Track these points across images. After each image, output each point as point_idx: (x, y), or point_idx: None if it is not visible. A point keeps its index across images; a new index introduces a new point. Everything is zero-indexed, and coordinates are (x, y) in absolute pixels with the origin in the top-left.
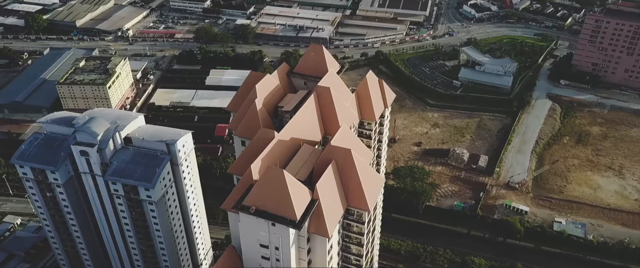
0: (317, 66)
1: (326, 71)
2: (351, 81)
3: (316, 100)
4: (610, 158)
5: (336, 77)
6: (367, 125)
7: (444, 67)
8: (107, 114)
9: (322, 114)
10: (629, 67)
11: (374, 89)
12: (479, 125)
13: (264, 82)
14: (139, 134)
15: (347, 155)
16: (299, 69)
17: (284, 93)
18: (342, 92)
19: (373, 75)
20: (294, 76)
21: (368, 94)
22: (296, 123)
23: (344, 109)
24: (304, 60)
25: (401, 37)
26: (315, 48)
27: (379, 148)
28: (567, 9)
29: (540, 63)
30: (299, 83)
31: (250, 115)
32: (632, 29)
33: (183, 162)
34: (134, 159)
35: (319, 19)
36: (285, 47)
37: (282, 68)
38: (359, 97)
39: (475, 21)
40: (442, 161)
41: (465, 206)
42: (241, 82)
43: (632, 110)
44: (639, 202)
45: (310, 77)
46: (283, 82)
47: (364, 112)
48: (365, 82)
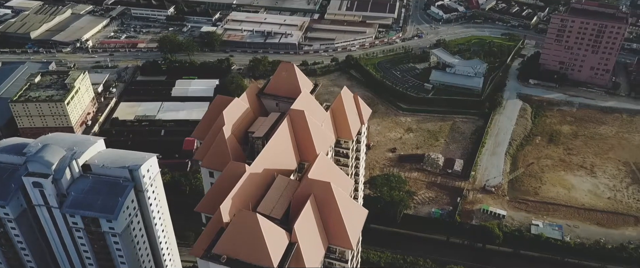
0: (289, 86)
1: (299, 91)
2: (323, 87)
3: (290, 124)
4: (581, 157)
5: (310, 98)
6: (344, 144)
7: (414, 70)
8: (63, 140)
9: (297, 140)
10: (594, 64)
11: (349, 105)
12: (452, 128)
13: (231, 106)
14: (99, 160)
15: (326, 189)
16: (270, 89)
17: (254, 116)
18: (317, 113)
19: (348, 91)
20: (264, 97)
21: (343, 111)
22: (269, 152)
23: (319, 132)
24: (275, 80)
25: (371, 40)
26: (286, 67)
27: (356, 166)
28: (532, 7)
29: (509, 63)
30: (271, 104)
31: (218, 145)
32: (596, 27)
33: (148, 187)
34: (94, 188)
35: (286, 24)
36: (253, 54)
37: (251, 89)
38: (334, 115)
39: (443, 22)
40: (417, 167)
41: (443, 213)
42: (209, 92)
43: (600, 108)
44: (611, 200)
45: (282, 98)
46: (253, 104)
47: (340, 130)
48: (340, 99)
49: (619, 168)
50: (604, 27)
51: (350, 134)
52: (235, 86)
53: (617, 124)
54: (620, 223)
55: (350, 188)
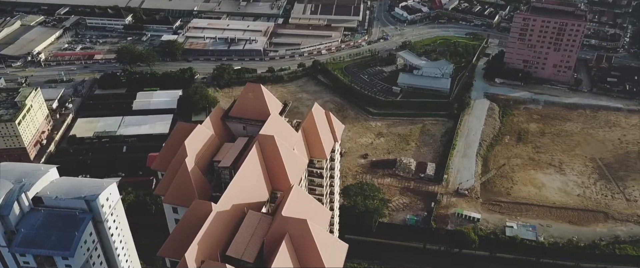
0: (257, 108)
1: (267, 113)
2: (290, 94)
3: (259, 151)
4: (550, 155)
5: (279, 120)
6: (318, 163)
7: (382, 73)
8: (10, 170)
9: (268, 167)
10: (557, 62)
11: (322, 123)
12: (422, 131)
13: (194, 135)
14: (52, 192)
15: (302, 228)
16: (236, 112)
17: (220, 143)
18: (288, 136)
19: (319, 108)
20: (230, 121)
21: (315, 129)
22: (237, 184)
23: (292, 158)
24: (241, 101)
25: (337, 44)
26: (252, 88)
27: (331, 185)
28: (494, 6)
29: (475, 62)
30: (237, 128)
31: (181, 179)
32: (557, 25)
33: (108, 217)
34: (47, 223)
35: (250, 29)
36: (217, 62)
37: (215, 113)
38: (306, 134)
39: (408, 23)
40: (390, 172)
41: (418, 219)
42: (172, 104)
43: (564, 105)
44: (581, 197)
45: (249, 121)
46: (217, 129)
47: (313, 150)
48: (312, 117)
49: (586, 164)
50: (564, 25)
51: (324, 153)
52: (200, 96)
53: (581, 120)
54: (590, 220)
55: (327, 220)
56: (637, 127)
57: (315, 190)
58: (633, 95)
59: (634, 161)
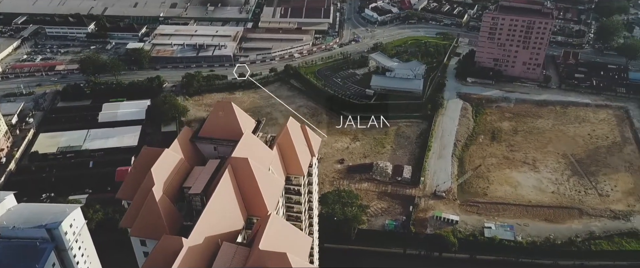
0: (228, 127)
1: (240, 133)
2: (263, 99)
3: (232, 175)
4: (523, 153)
5: (253, 140)
6: (295, 180)
7: (355, 76)
8: None
9: (242, 192)
10: (526, 60)
11: (298, 138)
12: (397, 134)
13: (161, 160)
14: (9, 221)
15: (282, 261)
16: (206, 132)
17: (190, 167)
18: (263, 156)
19: (294, 123)
20: (200, 141)
21: (291, 145)
22: (210, 213)
23: (267, 181)
24: (211, 121)
25: (308, 47)
26: (222, 106)
27: (309, 200)
28: (462, 5)
29: (446, 62)
30: (208, 149)
31: (149, 210)
32: (525, 24)
33: (73, 245)
34: (5, 256)
35: (219, 35)
36: (185, 69)
37: (183, 134)
38: (282, 150)
39: (379, 24)
40: (366, 176)
41: (397, 224)
42: (141, 115)
43: (534, 102)
44: (555, 194)
45: (221, 141)
46: (186, 152)
47: (290, 166)
48: (287, 132)
49: (558, 161)
50: (532, 23)
51: (301, 170)
52: (169, 106)
53: (552, 117)
54: (566, 217)
55: (307, 250)
56: (606, 122)
57: (293, 207)
58: (600, 90)
59: (604, 156)
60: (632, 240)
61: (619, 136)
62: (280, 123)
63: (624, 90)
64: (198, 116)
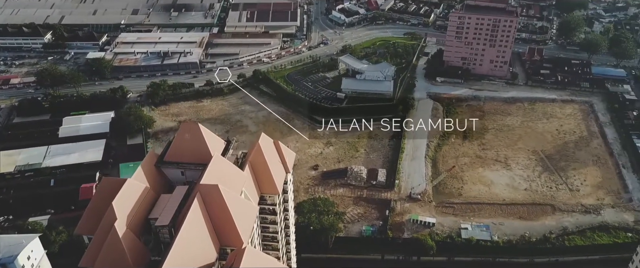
0: (196, 150)
1: (209, 156)
2: (232, 106)
3: (202, 204)
4: (495, 151)
5: (223, 162)
6: (270, 199)
7: (325, 80)
8: None
9: (214, 222)
10: (493, 58)
11: (271, 154)
12: (370, 136)
13: (124, 192)
14: None
15: None
16: (172, 156)
17: (156, 195)
18: (234, 179)
19: (266, 138)
20: (166, 166)
21: (264, 163)
22: (180, 247)
23: (241, 208)
24: (177, 144)
25: (276, 51)
26: (189, 127)
27: (286, 218)
28: (429, 5)
29: (415, 62)
30: (175, 174)
31: (111, 248)
32: (491, 22)
33: None
34: None
35: (184, 41)
36: (150, 78)
37: (148, 159)
38: (254, 169)
39: (347, 26)
40: (341, 182)
41: (374, 229)
42: (104, 128)
43: (503, 99)
44: (528, 191)
45: (188, 165)
46: (152, 179)
47: (264, 185)
48: (259, 149)
49: (529, 157)
50: (498, 22)
51: (276, 189)
52: (134, 117)
53: (521, 114)
54: (539, 214)
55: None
56: (572, 117)
57: (269, 227)
58: (565, 86)
59: (572, 151)
60: (604, 234)
61: (585, 130)
62: (251, 130)
63: (588, 85)
64: (165, 126)
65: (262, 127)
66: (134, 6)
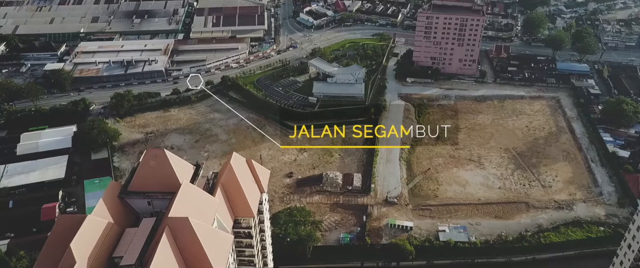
0: (162, 178)
1: (177, 183)
2: (201, 115)
3: (171, 239)
4: (468, 150)
5: (192, 190)
6: (244, 222)
7: (296, 84)
8: None
9: (185, 257)
10: (462, 56)
11: (243, 174)
12: (344, 141)
13: (83, 231)
14: None
15: None
16: (137, 185)
17: (121, 230)
18: (206, 207)
19: (238, 158)
20: (131, 197)
21: (237, 184)
22: None
23: (213, 240)
24: (142, 172)
25: (245, 56)
26: (153, 154)
27: (263, 239)
28: (396, 5)
29: (385, 64)
30: (141, 204)
31: None
32: (459, 21)
33: None
34: None
35: (148, 49)
36: (114, 89)
37: (110, 190)
38: (227, 191)
39: (315, 28)
40: (317, 188)
41: (352, 236)
42: (66, 143)
43: (473, 97)
44: (502, 190)
45: (155, 195)
46: (115, 211)
47: (238, 208)
48: (231, 170)
49: (501, 155)
50: (465, 21)
51: (251, 211)
52: (98, 131)
53: (491, 112)
54: (514, 212)
55: None
56: (540, 113)
57: (245, 251)
58: (532, 82)
59: (543, 147)
60: (577, 229)
61: (554, 126)
62: (221, 139)
63: (554, 81)
64: (132, 139)
65: (232, 135)
66: (93, 14)
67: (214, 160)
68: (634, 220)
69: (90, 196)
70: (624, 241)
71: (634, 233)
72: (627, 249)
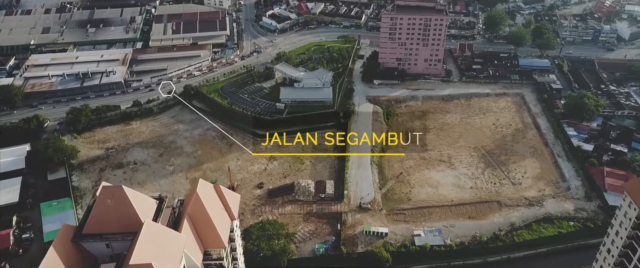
0: (122, 217)
1: (138, 222)
2: (164, 127)
3: None
4: (438, 151)
5: (156, 229)
6: (215, 252)
7: (262, 90)
8: None
9: None
10: (427, 56)
11: (211, 202)
12: (314, 147)
13: None
14: None
15: None
16: (93, 226)
17: None
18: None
19: (204, 185)
20: (86, 240)
21: (205, 213)
22: None
23: None
24: (98, 211)
25: (208, 63)
26: (110, 192)
27: (235, 266)
28: (359, 6)
29: (351, 66)
30: (98, 247)
31: None
32: (423, 21)
33: None
34: None
35: (105, 60)
36: (70, 103)
37: (62, 235)
38: (194, 221)
39: (279, 32)
40: (289, 198)
41: (327, 246)
42: (19, 164)
43: (440, 97)
44: (474, 189)
45: (114, 237)
46: (68, 259)
47: (207, 240)
48: (198, 199)
49: (471, 154)
50: (429, 21)
51: (221, 242)
52: (54, 149)
53: (459, 110)
54: (487, 211)
55: None
56: (506, 110)
57: None
58: (497, 79)
59: (510, 144)
60: (548, 225)
61: (520, 122)
62: (187, 151)
63: (517, 77)
64: (91, 156)
65: (198, 146)
66: (44, 24)
67: (180, 174)
68: (612, 224)
69: (48, 220)
70: (603, 245)
71: (613, 238)
72: (607, 254)
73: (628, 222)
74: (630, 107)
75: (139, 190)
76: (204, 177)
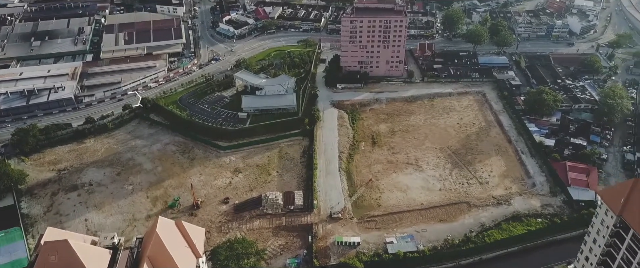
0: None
1: None
2: (121, 144)
3: None
4: (405, 153)
5: None
6: None
7: (223, 100)
8: None
9: None
10: (389, 58)
11: (173, 241)
12: (280, 156)
13: None
14: None
15: None
16: None
17: None
18: None
19: (165, 222)
20: None
21: (167, 254)
22: None
23: None
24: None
25: (164, 74)
26: (54, 247)
27: None
28: (317, 9)
29: (314, 71)
30: None
31: None
32: (382, 23)
33: None
34: None
35: (53, 74)
36: (15, 124)
37: None
38: (155, 264)
39: (237, 38)
40: (257, 212)
41: (299, 260)
42: None
43: (404, 98)
44: (443, 191)
45: None
46: None
47: None
48: (158, 239)
49: (438, 156)
50: (389, 23)
51: None
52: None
53: (423, 111)
54: (457, 213)
55: None
56: (469, 108)
57: None
58: (458, 78)
59: (475, 142)
60: (517, 224)
61: (483, 121)
62: (146, 168)
63: (478, 75)
64: (42, 179)
65: (158, 162)
66: None
67: (139, 193)
68: (589, 232)
69: None
70: (581, 253)
71: (591, 246)
72: (585, 262)
73: (606, 230)
74: (586, 100)
75: (95, 213)
76: (166, 194)
